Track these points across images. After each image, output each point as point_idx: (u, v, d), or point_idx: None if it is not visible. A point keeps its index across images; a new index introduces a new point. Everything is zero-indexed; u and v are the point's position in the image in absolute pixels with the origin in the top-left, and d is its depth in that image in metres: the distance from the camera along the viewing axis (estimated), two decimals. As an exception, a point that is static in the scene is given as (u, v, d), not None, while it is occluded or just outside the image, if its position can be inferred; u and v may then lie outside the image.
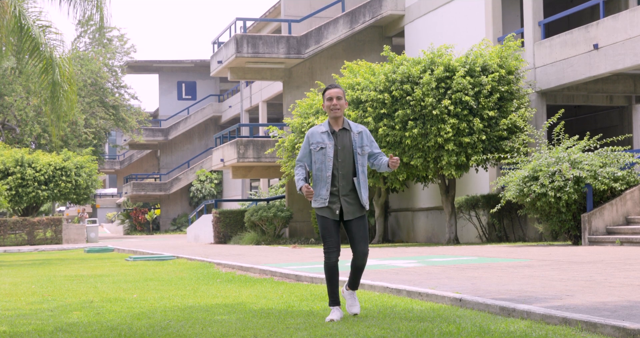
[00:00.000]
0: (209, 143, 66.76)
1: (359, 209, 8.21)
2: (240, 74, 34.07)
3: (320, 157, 8.18)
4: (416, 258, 17.10)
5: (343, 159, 8.17)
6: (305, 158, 8.31)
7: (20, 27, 21.90)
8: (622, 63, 21.48)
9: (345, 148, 8.19)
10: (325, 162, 8.15)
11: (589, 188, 19.65)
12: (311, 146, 8.25)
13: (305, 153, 8.33)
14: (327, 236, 8.16)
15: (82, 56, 52.72)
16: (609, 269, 12.06)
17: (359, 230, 8.18)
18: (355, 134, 8.26)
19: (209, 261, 18.97)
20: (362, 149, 8.23)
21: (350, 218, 8.17)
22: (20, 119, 49.48)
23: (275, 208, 31.75)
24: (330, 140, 8.18)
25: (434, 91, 22.83)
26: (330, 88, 8.31)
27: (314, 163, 8.25)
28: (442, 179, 24.72)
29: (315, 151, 8.22)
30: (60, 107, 22.33)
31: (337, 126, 8.27)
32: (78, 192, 44.71)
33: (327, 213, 8.16)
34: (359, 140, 8.25)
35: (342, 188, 8.15)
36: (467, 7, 27.58)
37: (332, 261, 8.15)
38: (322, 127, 8.30)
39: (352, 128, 8.30)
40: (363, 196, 8.19)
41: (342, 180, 8.16)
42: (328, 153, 8.15)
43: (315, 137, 8.25)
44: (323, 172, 8.16)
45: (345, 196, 8.15)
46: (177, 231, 63.62)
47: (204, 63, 66.52)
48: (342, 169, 8.16)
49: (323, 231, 8.21)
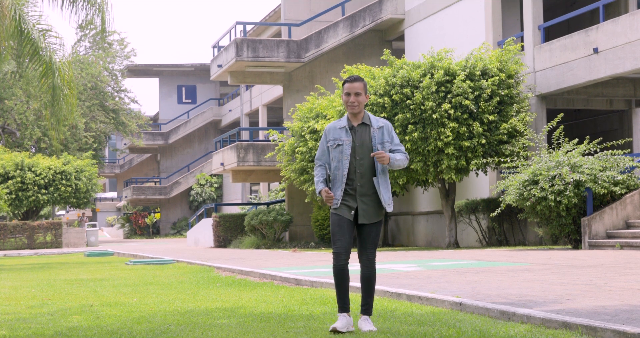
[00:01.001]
0: (209, 147, 66.76)
1: (376, 213, 7.62)
2: (240, 78, 34.08)
3: (337, 155, 7.62)
4: (416, 262, 17.10)
5: (362, 157, 7.58)
6: (324, 156, 7.77)
7: (20, 31, 21.91)
8: (622, 67, 21.49)
9: (364, 144, 7.61)
10: (342, 160, 7.59)
11: (589, 192, 19.65)
12: (328, 143, 7.71)
13: (323, 150, 7.80)
14: (339, 233, 7.56)
15: (82, 60, 52.75)
16: (609, 273, 12.05)
17: (370, 236, 7.67)
18: (375, 130, 7.66)
19: (209, 265, 18.97)
20: (383, 146, 7.62)
21: (365, 222, 7.62)
22: (20, 123, 49.50)
23: (275, 212, 31.74)
24: (348, 136, 7.62)
25: (434, 95, 22.84)
26: (350, 81, 7.69)
27: (331, 161, 7.68)
28: (442, 183, 24.72)
29: (332, 148, 7.67)
30: (60, 111, 22.34)
31: (356, 121, 7.69)
32: (78, 196, 44.72)
33: (343, 211, 7.57)
34: (379, 136, 7.65)
35: (359, 189, 7.57)
36: (467, 11, 27.59)
37: (340, 263, 7.54)
38: (341, 122, 7.75)
39: (373, 122, 7.70)
40: (384, 196, 7.60)
41: (361, 179, 7.57)
42: (345, 151, 7.59)
43: (333, 133, 7.72)
44: (340, 171, 7.59)
45: (363, 197, 7.58)
46: (177, 235, 63.60)
47: (204, 67, 66.55)
48: (361, 168, 7.58)
49: (334, 228, 7.58)
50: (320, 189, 7.65)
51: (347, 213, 7.56)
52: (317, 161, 7.82)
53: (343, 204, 7.57)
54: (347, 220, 7.57)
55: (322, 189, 7.61)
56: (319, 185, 7.70)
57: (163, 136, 67.23)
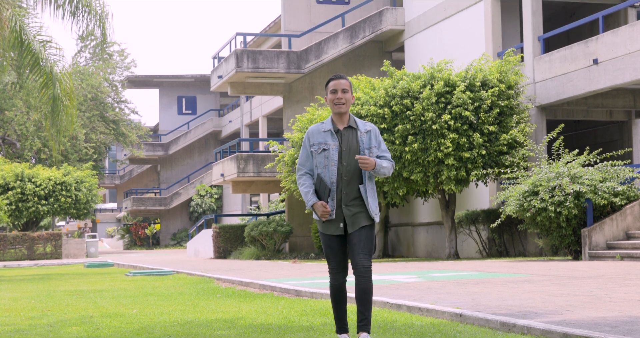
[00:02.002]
0: (209, 158, 66.79)
1: (363, 218, 7.05)
2: (240, 88, 34.11)
3: (323, 160, 7.06)
4: (416, 273, 17.08)
5: (348, 162, 7.04)
6: (308, 161, 7.18)
7: (21, 42, 21.94)
8: (622, 78, 21.51)
9: (352, 149, 7.07)
10: (328, 166, 7.03)
11: (589, 202, 19.64)
12: (312, 148, 7.14)
13: (307, 155, 7.20)
14: (331, 256, 7.14)
15: (83, 71, 52.83)
16: (610, 284, 12.04)
17: (360, 240, 7.02)
18: (362, 134, 7.13)
19: (209, 276, 18.95)
20: (371, 151, 7.10)
21: (354, 229, 7.05)
22: (21, 134, 49.53)
23: (275, 223, 31.73)
24: (334, 140, 7.08)
25: (434, 106, 22.86)
26: (335, 78, 7.18)
27: (315, 167, 7.13)
28: (442, 194, 24.72)
29: (316, 154, 7.10)
30: (60, 122, 22.35)
31: (342, 123, 7.15)
32: (78, 207, 44.70)
33: (330, 228, 7.07)
34: (367, 140, 7.13)
35: (344, 197, 7.03)
36: (467, 22, 27.64)
37: (338, 282, 7.15)
38: (324, 125, 7.20)
39: (360, 126, 7.18)
40: (371, 206, 7.06)
41: (346, 188, 7.02)
42: (331, 156, 7.04)
43: (317, 137, 7.15)
44: (326, 178, 7.03)
45: (350, 206, 7.03)
46: (177, 246, 63.55)
47: (204, 78, 66.63)
48: (347, 175, 7.04)
49: (326, 250, 7.15)
50: (314, 203, 7.05)
51: (335, 229, 7.07)
52: (301, 168, 7.23)
53: (329, 222, 7.07)
54: (336, 239, 7.11)
55: (317, 203, 7.02)
56: (310, 197, 7.08)
57: (163, 147, 67.26)
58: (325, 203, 6.99)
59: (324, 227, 7.14)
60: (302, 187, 7.15)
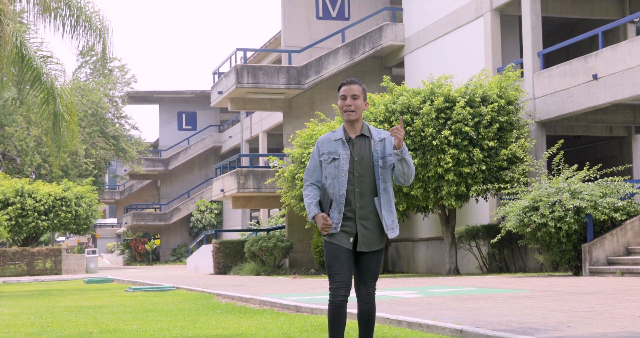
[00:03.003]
0: (209, 173, 66.79)
1: (377, 240, 6.62)
2: (240, 104, 34.15)
3: (333, 171, 6.60)
4: (417, 288, 17.06)
5: (361, 173, 6.59)
6: (316, 172, 6.72)
7: (22, 58, 22.00)
8: (622, 93, 21.53)
9: (364, 159, 6.62)
10: (338, 177, 6.57)
11: (589, 218, 19.63)
12: (321, 157, 6.68)
13: (315, 165, 6.74)
14: (336, 266, 6.54)
15: (83, 86, 52.90)
16: (610, 300, 12.02)
17: (370, 267, 6.69)
18: (376, 142, 6.66)
19: (209, 292, 18.92)
20: (385, 161, 6.62)
21: (364, 251, 6.61)
22: (21, 150, 49.55)
23: (275, 239, 31.70)
24: (345, 149, 6.62)
25: (434, 122, 22.88)
26: (346, 84, 6.74)
27: (324, 178, 6.66)
28: (442, 209, 24.70)
29: (326, 163, 6.64)
30: (61, 137, 22.37)
31: (354, 132, 6.71)
32: (78, 222, 44.66)
33: (340, 239, 6.55)
34: (380, 149, 6.65)
35: (359, 211, 6.55)
36: (467, 38, 27.69)
37: (338, 299, 6.53)
38: (336, 133, 6.73)
39: (373, 134, 6.71)
40: (386, 221, 6.60)
41: (360, 200, 6.56)
42: (342, 166, 6.58)
43: (327, 146, 6.69)
44: (336, 189, 6.56)
45: (363, 221, 6.56)
46: (177, 261, 63.47)
47: (204, 93, 66.71)
48: (360, 187, 6.57)
49: (330, 260, 6.56)
50: (315, 215, 6.58)
51: (345, 241, 6.56)
52: (308, 179, 6.75)
53: (340, 231, 6.57)
54: (345, 250, 6.55)
55: (318, 215, 6.55)
56: (312, 209, 6.61)
57: (163, 163, 67.28)
58: (327, 216, 6.53)
59: (332, 236, 6.60)
60: (306, 198, 6.69)
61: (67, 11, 22.62)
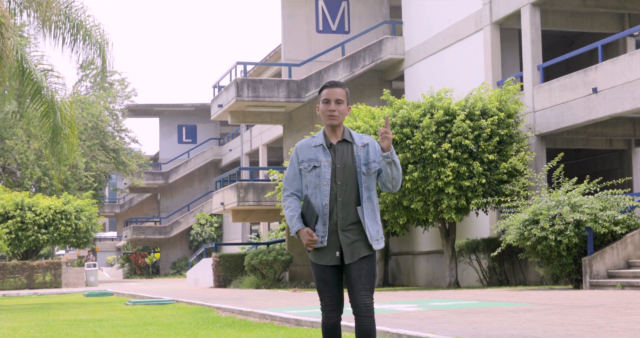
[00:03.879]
0: (209, 187, 66.79)
1: (363, 247, 6.14)
2: (240, 117, 34.18)
3: (313, 179, 6.15)
4: (417, 302, 17.04)
5: (343, 181, 6.15)
6: (296, 181, 6.28)
7: (22, 71, 22.03)
8: (621, 107, 21.56)
9: (347, 166, 6.18)
10: (320, 186, 6.13)
11: (589, 231, 19.63)
12: (301, 165, 6.24)
13: (294, 174, 6.30)
14: (325, 290, 6.21)
15: (83, 100, 52.97)
16: (611, 313, 12.00)
17: (361, 275, 6.12)
18: (359, 148, 6.25)
19: (209, 306, 18.89)
20: (368, 167, 6.19)
21: (352, 261, 6.13)
22: (21, 163, 49.58)
23: (275, 252, 31.68)
24: (327, 156, 6.19)
25: (434, 135, 22.89)
26: (329, 86, 6.35)
27: (304, 187, 6.22)
28: (442, 222, 24.70)
29: (306, 172, 6.20)
30: (61, 150, 22.39)
31: (335, 137, 6.29)
32: (78, 236, 44.62)
33: (323, 258, 6.14)
34: (364, 155, 6.23)
35: (341, 222, 6.11)
36: (467, 51, 27.74)
37: (332, 321, 6.28)
38: (316, 139, 6.32)
39: (355, 139, 6.31)
40: (371, 230, 6.14)
41: (342, 210, 6.11)
42: (323, 174, 6.14)
43: (306, 152, 6.26)
44: (318, 199, 6.12)
45: (347, 232, 6.12)
46: (177, 275, 63.40)
47: (204, 107, 66.78)
48: (342, 196, 6.13)
49: (319, 284, 6.21)
50: (299, 229, 6.11)
51: (331, 257, 6.13)
52: (287, 188, 6.30)
53: (322, 249, 6.14)
54: (331, 270, 6.17)
55: (302, 230, 6.09)
56: (295, 223, 6.14)
57: (163, 176, 67.30)
58: (312, 230, 6.07)
59: (316, 256, 6.18)
60: (287, 210, 6.21)
61: (67, 24, 22.68)
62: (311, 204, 6.13)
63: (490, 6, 26.35)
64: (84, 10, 23.08)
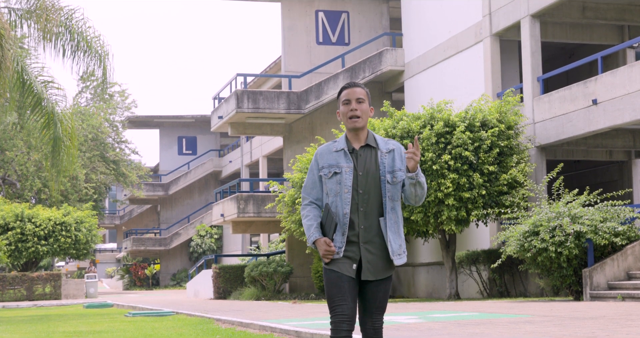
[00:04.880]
0: (209, 198, 66.77)
1: (384, 266, 5.73)
2: (240, 129, 34.21)
3: (334, 187, 5.73)
4: (417, 313, 17.01)
5: (366, 189, 5.71)
6: (315, 189, 5.86)
7: (23, 83, 22.07)
8: (621, 118, 21.56)
9: (370, 173, 5.73)
10: (340, 194, 5.69)
11: (589, 243, 19.61)
12: (321, 172, 5.81)
13: (313, 181, 5.89)
14: (338, 297, 5.64)
15: (84, 111, 53.00)
16: (611, 325, 11.98)
17: (377, 298, 5.74)
18: (383, 154, 5.78)
19: (209, 317, 18.86)
20: (394, 176, 5.74)
21: (370, 279, 5.71)
22: (21, 174, 49.57)
23: (275, 263, 31.65)
24: (348, 162, 5.74)
25: (434, 146, 22.90)
26: (349, 87, 5.89)
27: (325, 195, 5.80)
28: (442, 234, 24.68)
29: (326, 178, 5.77)
30: (61, 162, 22.40)
31: (358, 142, 5.82)
32: (78, 247, 44.58)
33: (341, 266, 5.68)
34: (389, 162, 5.77)
35: (363, 234, 5.68)
36: (467, 63, 27.78)
37: (341, 335, 5.63)
38: (337, 143, 5.86)
39: (380, 144, 5.84)
40: (393, 244, 5.71)
41: (365, 221, 5.68)
42: (345, 181, 5.70)
43: (327, 158, 5.81)
44: (338, 208, 5.69)
45: (367, 245, 5.69)
46: (177, 286, 63.33)
47: (204, 118, 66.83)
48: (364, 205, 5.69)
49: (331, 290, 5.67)
50: (316, 239, 5.72)
51: (348, 268, 5.69)
52: (306, 197, 5.90)
53: (343, 257, 5.71)
54: (347, 278, 5.68)
55: (320, 240, 5.69)
56: (313, 232, 5.74)
57: (163, 187, 67.29)
58: (330, 240, 5.66)
59: (333, 263, 5.72)
60: (305, 219, 5.81)
61: (67, 36, 22.74)
62: (331, 213, 5.68)
63: (490, 18, 26.39)
64: (84, 21, 23.15)
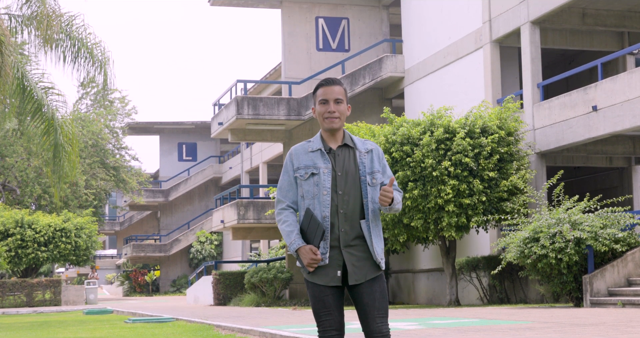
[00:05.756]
0: (209, 204, 66.77)
1: (371, 266, 5.39)
2: (240, 135, 34.22)
3: (311, 189, 5.37)
4: (417, 320, 17.00)
5: (345, 191, 5.38)
6: (291, 191, 5.48)
7: (23, 89, 22.08)
8: (621, 125, 21.57)
9: (349, 174, 5.41)
10: (318, 196, 5.34)
11: (589, 249, 19.60)
12: (296, 173, 5.45)
13: (289, 183, 5.50)
14: (322, 312, 5.34)
15: (84, 118, 53.03)
16: (612, 331, 11.97)
17: (373, 298, 5.36)
18: (362, 154, 5.51)
19: (209, 323, 18.85)
20: (373, 177, 5.47)
21: (359, 282, 5.36)
22: (21, 180, 49.57)
23: (275, 270, 31.64)
24: (326, 162, 5.41)
25: (434, 153, 22.90)
26: (325, 85, 5.57)
27: (301, 198, 5.43)
28: (442, 240, 24.67)
29: (302, 180, 5.41)
30: (61, 168, 22.40)
31: (335, 142, 5.54)
32: (78, 253, 44.56)
33: (322, 277, 5.33)
34: (368, 163, 5.49)
35: (343, 236, 5.34)
36: (467, 70, 27.79)
37: None
38: (312, 143, 5.55)
39: (358, 144, 5.57)
40: (376, 248, 5.39)
41: (345, 223, 5.36)
42: (323, 182, 5.35)
43: (302, 159, 5.47)
44: (317, 211, 5.33)
45: (350, 248, 5.35)
46: (177, 292, 63.30)
47: (204, 125, 66.86)
48: (345, 207, 5.37)
49: (315, 305, 5.36)
50: (299, 247, 5.31)
51: (332, 277, 5.34)
52: (282, 200, 5.49)
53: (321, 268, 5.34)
54: (331, 291, 5.35)
55: (304, 248, 5.29)
56: (294, 239, 5.33)
57: (163, 194, 67.29)
58: (316, 248, 5.28)
59: (313, 275, 5.36)
60: (283, 225, 5.39)
61: (68, 42, 22.77)
62: (315, 218, 5.30)
63: (490, 24, 26.42)
64: (85, 28, 23.18)
